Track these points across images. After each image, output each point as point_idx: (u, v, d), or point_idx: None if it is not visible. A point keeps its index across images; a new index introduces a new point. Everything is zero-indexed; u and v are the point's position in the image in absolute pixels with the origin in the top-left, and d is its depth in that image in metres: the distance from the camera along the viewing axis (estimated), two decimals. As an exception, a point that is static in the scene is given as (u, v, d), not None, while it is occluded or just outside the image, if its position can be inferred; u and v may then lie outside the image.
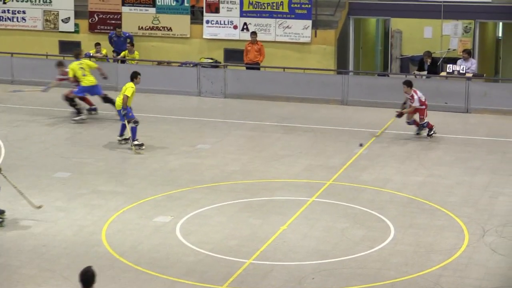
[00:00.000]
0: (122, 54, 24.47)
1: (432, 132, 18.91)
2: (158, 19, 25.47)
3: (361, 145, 17.53)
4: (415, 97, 18.70)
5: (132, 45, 24.42)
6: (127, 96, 17.97)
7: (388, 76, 24.57)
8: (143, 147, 17.87)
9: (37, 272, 12.00)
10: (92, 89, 20.41)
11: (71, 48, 25.69)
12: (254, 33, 23.85)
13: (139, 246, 12.90)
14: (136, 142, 17.85)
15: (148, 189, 15.51)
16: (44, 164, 17.06)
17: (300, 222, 13.87)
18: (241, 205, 14.71)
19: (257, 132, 19.73)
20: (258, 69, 23.65)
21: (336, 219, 14.01)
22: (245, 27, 24.85)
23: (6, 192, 15.25)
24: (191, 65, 24.05)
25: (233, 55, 24.71)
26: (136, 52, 24.48)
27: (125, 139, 18.22)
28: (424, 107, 18.82)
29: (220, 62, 24.69)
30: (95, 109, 20.88)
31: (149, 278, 11.79)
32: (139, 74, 18.46)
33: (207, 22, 25.13)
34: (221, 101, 22.78)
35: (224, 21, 24.97)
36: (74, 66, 20.22)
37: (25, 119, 20.49)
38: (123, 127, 18.18)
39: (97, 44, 24.77)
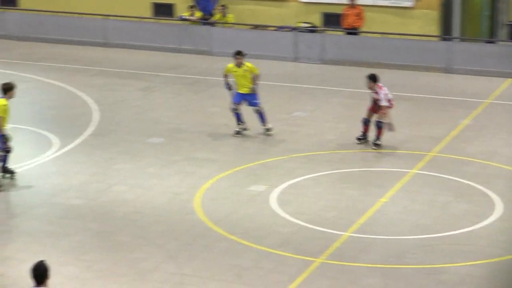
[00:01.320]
0: (216, 17, 24.07)
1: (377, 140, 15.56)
2: (254, -18, 24.97)
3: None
4: (381, 94, 15.48)
5: (225, 7, 23.93)
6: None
7: (495, 43, 23.51)
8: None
9: (129, 239, 11.89)
10: None
11: (164, 11, 25.43)
12: (353, -4, 23.08)
13: (233, 215, 12.66)
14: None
15: (242, 157, 15.21)
16: (137, 129, 16.90)
17: (400, 195, 13.41)
18: (338, 175, 14.31)
19: (355, 100, 19.17)
20: (357, 34, 22.92)
21: (438, 192, 13.52)
22: (344, -10, 24.10)
23: (99, 157, 15.23)
24: (288, 29, 23.50)
25: (331, 20, 24.03)
26: (229, 15, 24.04)
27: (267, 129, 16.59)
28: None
29: (317, 27, 24.06)
30: None
31: (243, 248, 11.56)
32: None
33: (305, -15, 24.47)
34: (318, 67, 22.26)
35: (323, -16, 24.27)
36: None
37: (118, 83, 20.42)
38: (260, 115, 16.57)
39: (191, 7, 24.40)
